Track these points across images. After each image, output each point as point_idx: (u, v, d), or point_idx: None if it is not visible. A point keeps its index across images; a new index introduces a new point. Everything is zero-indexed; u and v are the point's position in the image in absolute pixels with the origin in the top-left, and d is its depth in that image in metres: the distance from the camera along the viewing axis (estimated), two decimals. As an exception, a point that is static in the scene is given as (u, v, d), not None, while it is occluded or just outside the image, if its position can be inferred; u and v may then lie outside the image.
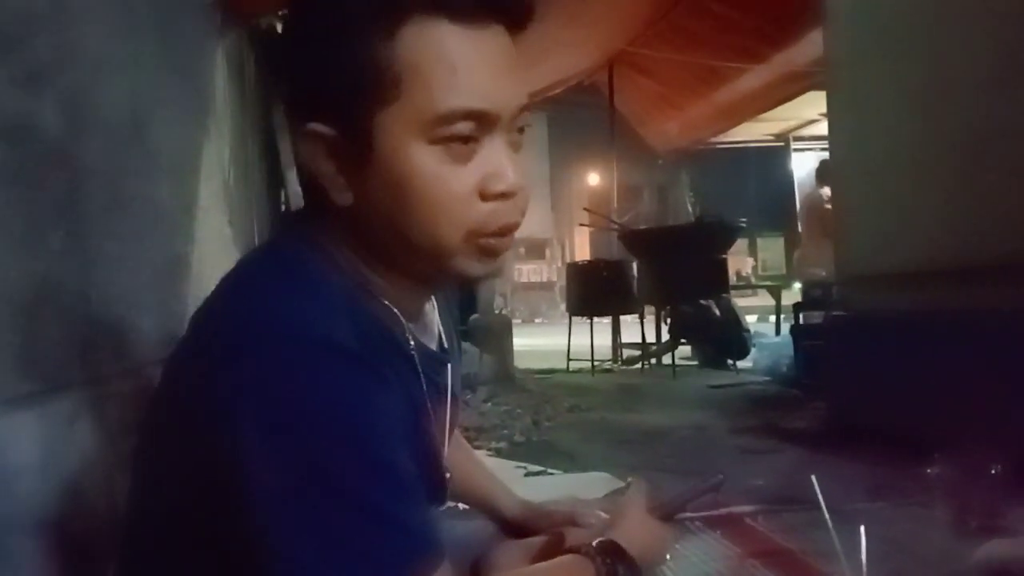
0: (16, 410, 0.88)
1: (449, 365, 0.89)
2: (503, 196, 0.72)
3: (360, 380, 0.66)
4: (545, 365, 6.33)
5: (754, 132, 8.73)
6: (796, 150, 8.70)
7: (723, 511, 2.30)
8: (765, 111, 7.35)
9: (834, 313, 3.53)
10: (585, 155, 17.86)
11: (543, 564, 0.86)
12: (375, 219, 0.72)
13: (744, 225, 5.90)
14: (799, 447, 2.96)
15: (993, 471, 2.10)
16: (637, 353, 6.30)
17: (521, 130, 0.75)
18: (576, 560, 0.84)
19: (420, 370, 0.79)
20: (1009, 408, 2.33)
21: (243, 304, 0.69)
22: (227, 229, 2.41)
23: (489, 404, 4.30)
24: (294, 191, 4.73)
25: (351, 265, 0.75)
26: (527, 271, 20.59)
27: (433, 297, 0.89)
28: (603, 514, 1.24)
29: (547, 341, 8.17)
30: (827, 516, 1.54)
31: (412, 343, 0.79)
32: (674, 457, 3.06)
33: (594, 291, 6.02)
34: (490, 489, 1.19)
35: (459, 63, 0.68)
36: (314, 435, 0.62)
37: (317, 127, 0.70)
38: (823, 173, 5.82)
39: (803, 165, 8.32)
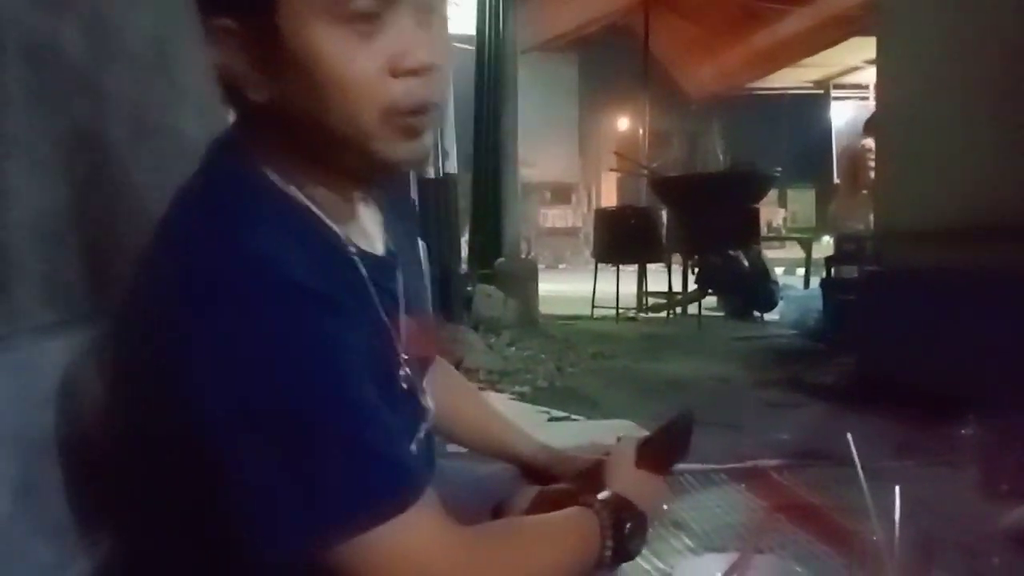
0: (42, 338, 0.87)
1: (399, 273, 0.84)
2: (413, 72, 0.70)
3: (322, 317, 0.66)
4: (569, 311, 6.31)
5: (793, 79, 8.48)
6: (836, 98, 8.45)
7: (748, 463, 2.29)
8: (806, 56, 7.11)
9: (868, 268, 3.45)
10: (616, 99, 17.50)
11: (547, 515, 0.81)
12: (293, 112, 0.70)
13: (778, 175, 5.76)
14: (825, 402, 2.93)
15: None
16: (663, 301, 6.26)
17: (431, 10, 0.72)
18: (582, 513, 0.82)
19: (366, 276, 0.77)
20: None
21: (190, 247, 0.68)
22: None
23: (513, 348, 4.30)
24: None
25: (283, 176, 0.73)
26: (552, 216, 20.46)
27: (376, 203, 0.86)
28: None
29: (571, 287, 8.12)
30: (861, 474, 1.51)
31: (353, 249, 0.77)
32: (698, 409, 3.01)
33: (621, 238, 5.95)
34: (508, 435, 1.17)
35: None
36: (281, 378, 0.63)
37: (224, 21, 0.69)
38: (872, 124, 5.64)
39: (842, 114, 8.09)
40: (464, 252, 5.28)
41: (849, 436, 1.53)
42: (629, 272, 6.40)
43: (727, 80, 8.13)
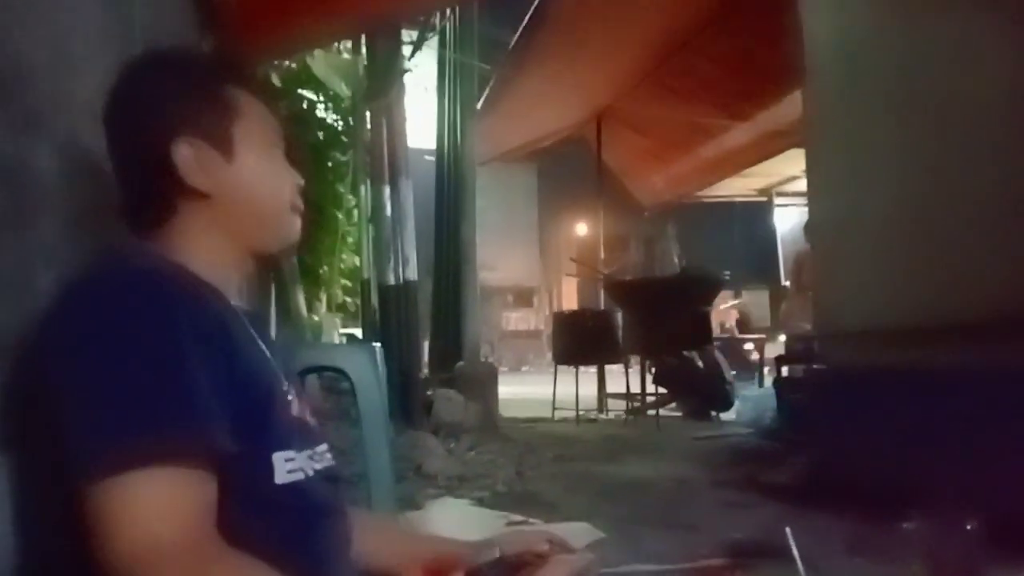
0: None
1: (269, 337, 1.02)
2: (299, 186, 1.04)
3: (167, 296, 0.81)
4: (531, 414, 6.31)
5: (738, 187, 8.90)
6: (779, 205, 8.86)
7: (702, 563, 2.31)
8: (749, 167, 7.51)
9: (814, 367, 3.57)
10: (573, 205, 18.03)
11: None
12: (230, 203, 0.96)
13: (727, 278, 5.97)
14: (779, 502, 2.97)
15: (969, 527, 2.12)
16: (637, 404, 6.29)
17: None
18: None
19: (246, 322, 0.96)
20: (985, 464, 2.36)
21: (75, 286, 0.85)
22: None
23: (473, 452, 4.29)
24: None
25: (171, 253, 0.93)
26: (514, 319, 20.60)
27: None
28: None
29: (533, 390, 8.14)
30: (800, 568, 1.56)
31: (233, 302, 0.97)
32: (655, 509, 3.06)
33: (579, 340, 6.05)
34: (430, 547, 1.21)
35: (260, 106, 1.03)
36: (110, 334, 0.78)
37: (192, 140, 0.94)
38: (808, 229, 5.93)
39: (785, 220, 8.47)
40: (425, 357, 5.33)
41: (788, 531, 1.60)
42: (591, 374, 6.45)
43: (677, 188, 8.50)
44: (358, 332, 5.97)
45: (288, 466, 0.88)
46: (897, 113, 3.01)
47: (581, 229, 18.66)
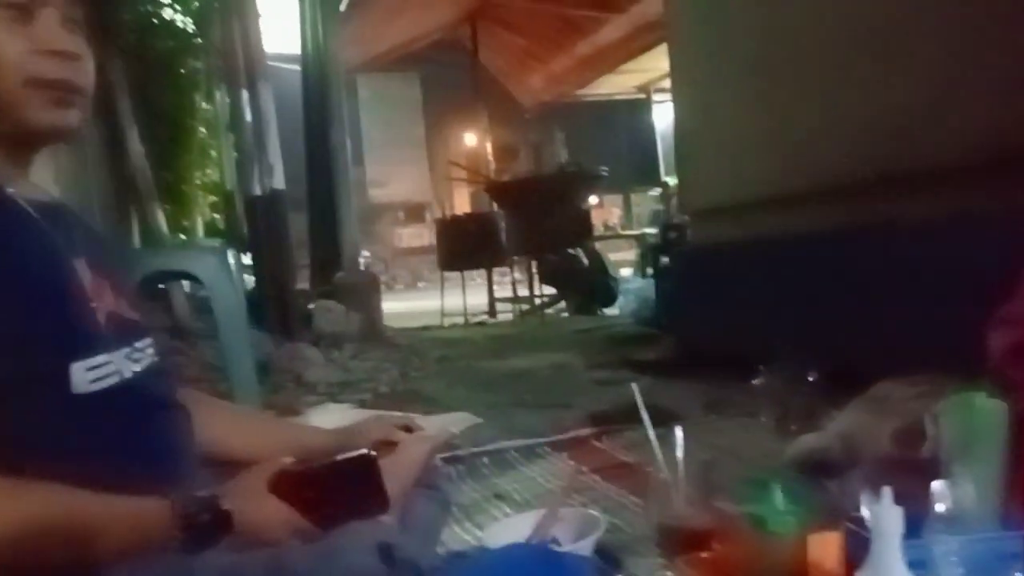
0: None
1: (73, 223, 0.94)
2: (58, 55, 0.85)
3: None
4: (421, 323, 6.31)
5: (618, 85, 8.92)
6: (657, 102, 8.96)
7: (570, 435, 2.39)
8: (624, 62, 7.51)
9: (675, 249, 3.69)
10: (459, 115, 17.63)
11: (121, 497, 0.81)
12: None
13: (605, 173, 6.04)
14: (648, 375, 3.09)
15: (810, 379, 2.27)
16: (527, 307, 6.36)
17: (76, 23, 0.88)
18: (156, 502, 0.82)
19: (34, 216, 0.87)
20: (825, 322, 2.52)
21: None
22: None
23: (355, 360, 4.25)
24: (134, 148, 4.48)
25: None
26: (407, 235, 20.34)
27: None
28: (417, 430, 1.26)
29: (428, 304, 8.12)
30: (646, 418, 1.62)
31: (16, 196, 0.86)
32: (532, 393, 3.13)
33: (463, 245, 6.03)
34: (288, 433, 1.19)
35: None
36: None
37: None
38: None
39: (664, 117, 8.58)
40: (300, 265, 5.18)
41: (634, 386, 1.65)
42: (482, 282, 6.45)
43: (556, 88, 8.45)
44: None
45: (92, 375, 0.83)
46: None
47: (469, 139, 18.41)
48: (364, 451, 0.95)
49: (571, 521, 1.54)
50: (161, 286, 3.70)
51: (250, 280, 4.79)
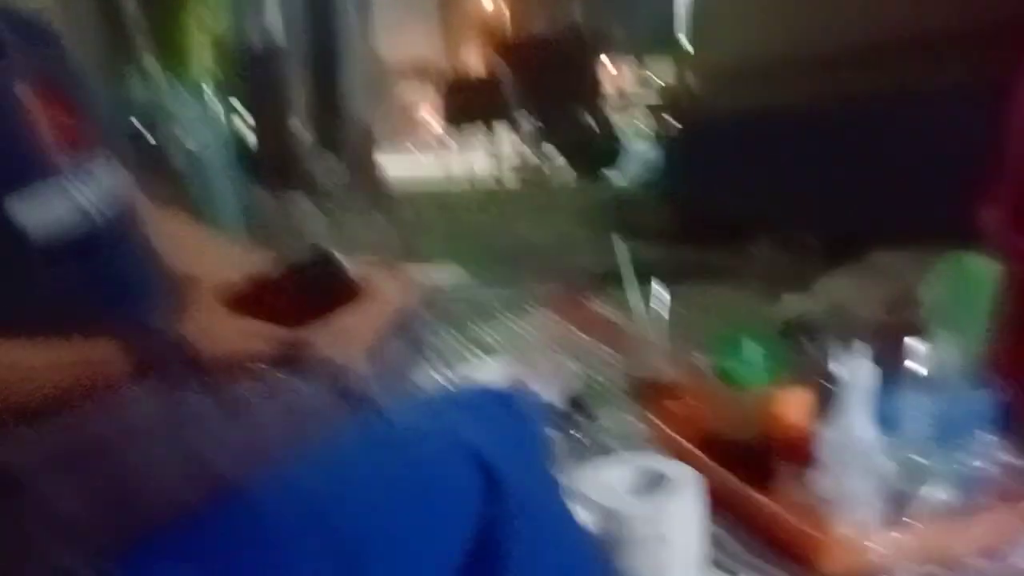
0: None
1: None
2: None
3: None
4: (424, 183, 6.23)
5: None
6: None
7: (556, 290, 2.38)
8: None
9: (684, 112, 3.57)
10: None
11: (64, 342, 0.75)
12: None
13: (616, 33, 5.75)
14: (645, 240, 3.04)
15: (805, 245, 2.23)
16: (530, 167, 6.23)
17: None
18: (103, 342, 0.77)
19: None
20: (822, 189, 2.44)
21: None
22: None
23: (356, 216, 4.22)
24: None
25: None
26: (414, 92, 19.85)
27: None
28: None
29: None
30: (626, 272, 1.59)
31: None
32: (526, 252, 3.12)
33: (470, 105, 5.84)
34: (223, 252, 1.13)
35: None
36: None
37: None
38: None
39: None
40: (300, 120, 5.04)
41: (615, 237, 1.61)
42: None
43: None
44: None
45: (39, 213, 0.74)
46: None
47: (487, 2, 17.53)
48: (321, 249, 0.89)
49: (544, 369, 1.54)
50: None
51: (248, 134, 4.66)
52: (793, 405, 1.17)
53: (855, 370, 1.00)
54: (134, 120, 2.58)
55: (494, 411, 0.80)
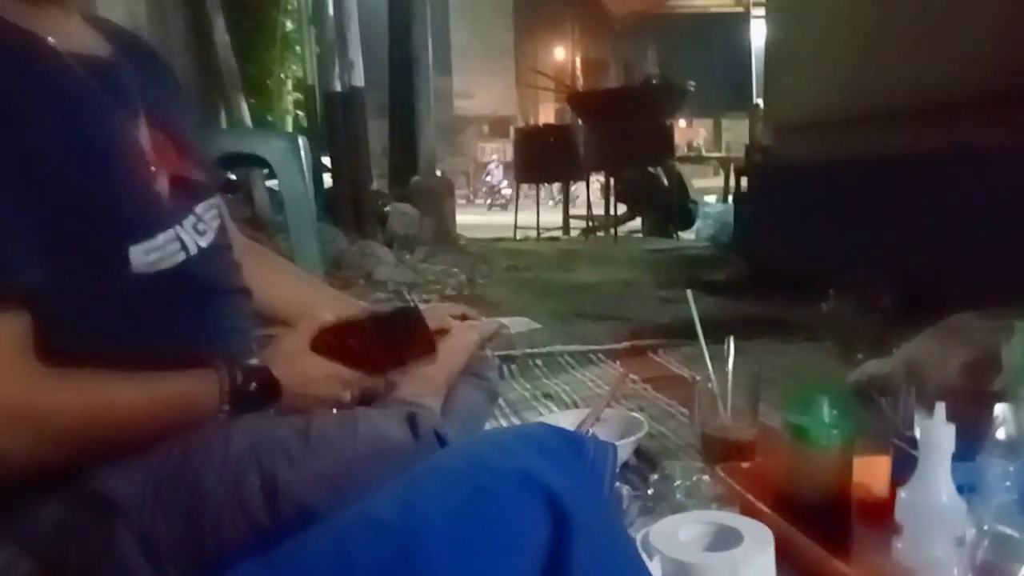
0: None
1: (131, 76, 0.86)
2: None
3: None
4: (494, 235, 6.32)
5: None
6: (755, 17, 8.45)
7: (625, 344, 2.37)
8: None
9: (758, 167, 3.55)
10: (550, 27, 17.23)
11: (169, 376, 0.81)
12: None
13: (692, 88, 5.79)
14: (717, 295, 3.01)
15: (882, 304, 2.17)
16: (598, 223, 6.27)
17: None
18: (203, 377, 0.82)
19: (82, 75, 0.79)
20: (900, 247, 2.39)
21: None
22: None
23: (425, 263, 4.30)
24: (220, 39, 4.51)
25: None
26: (490, 149, 20.26)
27: (94, 27, 0.88)
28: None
29: (506, 218, 8.10)
30: (698, 326, 1.58)
31: (57, 49, 0.78)
32: (594, 305, 3.11)
33: (540, 157, 5.93)
34: (334, 299, 1.18)
35: None
36: None
37: None
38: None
39: (762, 34, 8.10)
40: (379, 169, 5.22)
41: (688, 292, 1.61)
42: (558, 200, 6.34)
43: (648, -1, 8.05)
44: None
45: (153, 256, 0.79)
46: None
47: (559, 53, 17.95)
48: (406, 304, 0.95)
49: (614, 422, 1.54)
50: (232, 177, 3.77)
51: (329, 180, 4.86)
52: (870, 467, 1.14)
53: (935, 433, 0.97)
54: (222, 161, 2.72)
55: (563, 451, 0.81)
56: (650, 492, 1.32)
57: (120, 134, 0.80)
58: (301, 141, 2.42)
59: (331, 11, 4.39)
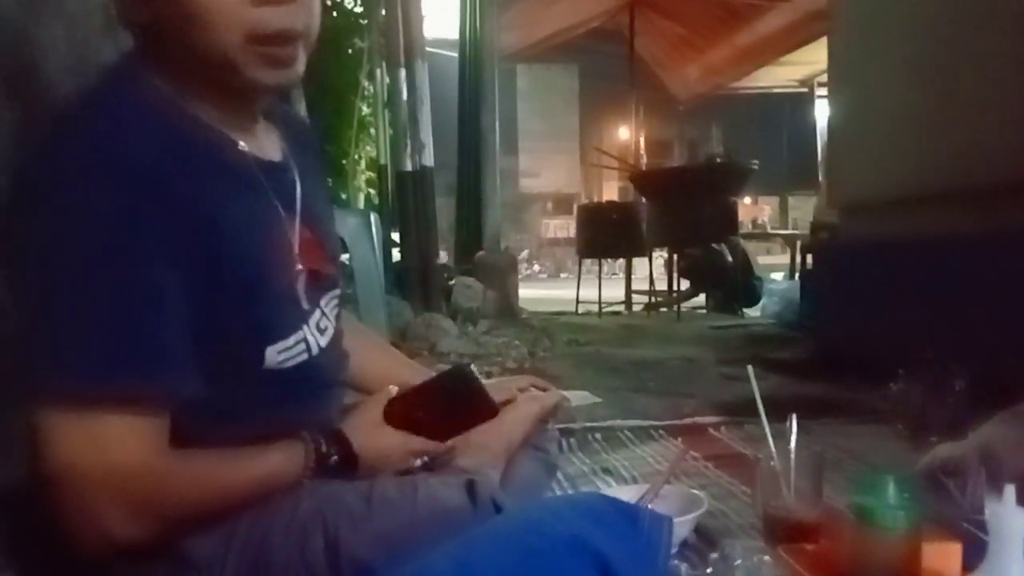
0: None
1: (297, 182, 0.93)
2: (273, 1, 0.78)
3: (131, 195, 0.73)
4: (556, 309, 6.35)
5: (779, 77, 8.54)
6: (821, 96, 8.48)
7: (687, 421, 2.34)
8: (786, 53, 7.17)
9: (821, 246, 3.52)
10: (614, 107, 17.49)
11: (259, 446, 0.85)
12: (169, 33, 0.79)
13: (755, 167, 5.81)
14: (781, 374, 2.96)
15: (956, 387, 2.10)
16: (661, 299, 6.26)
17: None
18: (291, 443, 0.87)
19: (261, 180, 0.87)
20: (973, 328, 2.32)
21: (60, 131, 0.77)
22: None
23: (488, 335, 4.36)
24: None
25: (169, 83, 0.82)
26: (554, 226, 20.50)
27: (273, 123, 0.95)
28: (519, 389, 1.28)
29: (569, 293, 8.15)
30: (759, 404, 1.57)
31: (245, 154, 0.86)
32: (655, 381, 3.09)
33: (603, 233, 5.99)
34: (408, 369, 1.22)
35: None
36: (72, 239, 0.71)
37: None
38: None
39: (827, 113, 8.12)
40: (445, 244, 5.37)
41: (750, 368, 1.60)
42: (621, 276, 6.35)
43: (712, 79, 8.20)
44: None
45: (283, 355, 0.86)
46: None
47: (623, 133, 18.21)
48: (462, 365, 1.00)
49: (673, 498, 1.52)
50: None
51: (397, 254, 5.01)
52: (940, 553, 1.10)
53: (1005, 518, 0.94)
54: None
55: (617, 521, 0.82)
56: (709, 571, 1.29)
57: (280, 240, 0.87)
58: (372, 218, 2.53)
59: (405, 96, 4.62)
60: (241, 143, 0.86)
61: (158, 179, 0.74)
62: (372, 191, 6.20)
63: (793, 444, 1.50)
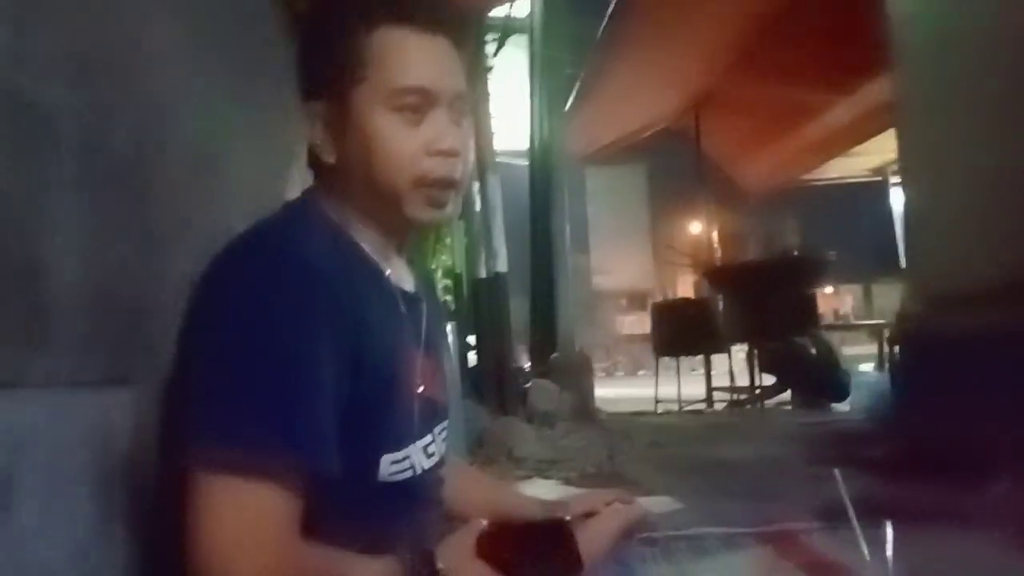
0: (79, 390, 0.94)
1: (424, 311, 1.01)
2: (442, 153, 0.91)
3: (306, 291, 0.82)
4: (635, 409, 6.27)
5: (851, 168, 8.50)
6: (895, 184, 8.39)
7: (776, 527, 2.27)
8: (856, 144, 7.16)
9: (910, 336, 3.41)
10: (684, 204, 17.61)
11: (365, 556, 0.87)
12: (351, 173, 0.92)
13: (832, 258, 5.73)
14: (873, 474, 2.84)
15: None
16: (744, 396, 6.13)
17: (461, 114, 0.95)
18: (392, 559, 0.88)
19: (399, 303, 0.95)
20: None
21: (244, 241, 0.89)
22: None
23: (565, 439, 4.33)
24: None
25: (338, 215, 0.95)
26: (628, 322, 20.39)
27: (409, 257, 1.04)
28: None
29: (646, 391, 8.05)
30: (850, 510, 1.53)
31: (391, 281, 0.95)
32: (740, 483, 3.01)
33: (679, 330, 5.97)
34: (499, 495, 1.23)
35: (411, 55, 0.92)
36: (244, 329, 0.80)
37: (314, 105, 0.93)
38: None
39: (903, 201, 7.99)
40: (519, 348, 5.42)
41: (836, 472, 1.57)
42: (700, 372, 6.28)
43: (782, 173, 8.22)
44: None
45: (394, 468, 0.91)
46: (984, 77, 2.89)
47: (695, 228, 18.25)
48: (559, 517, 1.02)
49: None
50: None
51: (474, 359, 5.10)
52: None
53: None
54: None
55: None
56: None
57: (409, 360, 0.94)
58: (449, 325, 2.61)
59: (478, 206, 4.81)
60: (388, 271, 0.96)
61: (328, 284, 0.84)
62: (448, 298, 6.36)
63: (889, 554, 1.45)
